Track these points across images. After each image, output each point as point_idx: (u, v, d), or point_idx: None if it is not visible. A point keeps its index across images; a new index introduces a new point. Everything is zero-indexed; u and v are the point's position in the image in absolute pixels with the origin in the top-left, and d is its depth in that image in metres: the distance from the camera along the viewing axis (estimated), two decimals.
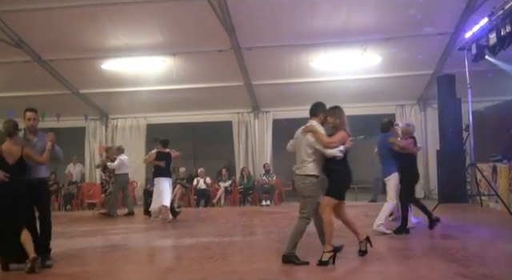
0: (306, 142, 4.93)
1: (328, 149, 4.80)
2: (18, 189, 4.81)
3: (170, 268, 5.05)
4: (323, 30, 9.67)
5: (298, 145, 5.08)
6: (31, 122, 5.17)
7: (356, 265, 4.91)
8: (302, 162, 4.94)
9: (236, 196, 12.59)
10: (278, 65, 11.06)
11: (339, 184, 4.96)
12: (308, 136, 4.92)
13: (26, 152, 4.90)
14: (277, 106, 13.24)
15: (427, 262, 4.90)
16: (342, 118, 5.04)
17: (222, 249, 6.08)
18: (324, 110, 5.09)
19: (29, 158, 4.91)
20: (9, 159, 4.82)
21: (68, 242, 6.93)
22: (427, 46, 10.19)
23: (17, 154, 4.85)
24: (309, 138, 4.91)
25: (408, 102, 12.81)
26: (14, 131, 4.95)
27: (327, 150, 4.80)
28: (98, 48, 10.49)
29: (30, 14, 9.30)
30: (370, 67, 10.96)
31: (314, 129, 4.92)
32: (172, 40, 10.27)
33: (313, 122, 5.03)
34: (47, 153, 5.02)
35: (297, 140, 5.13)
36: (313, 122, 5.02)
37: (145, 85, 11.93)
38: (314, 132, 4.89)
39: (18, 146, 4.90)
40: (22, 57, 10.66)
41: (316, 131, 4.89)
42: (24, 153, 4.88)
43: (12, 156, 4.83)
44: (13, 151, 4.85)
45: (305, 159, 4.90)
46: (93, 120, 14.00)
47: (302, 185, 4.93)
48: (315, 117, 5.07)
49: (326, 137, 4.87)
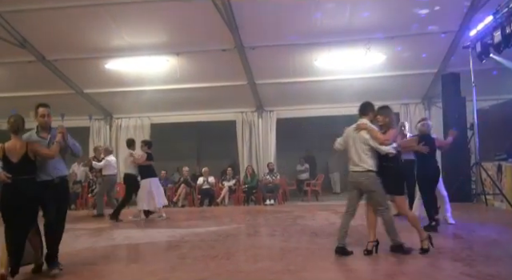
0: (360, 140, 5.14)
1: (383, 146, 5.02)
2: (23, 189, 4.50)
3: (175, 267, 5.05)
4: (327, 29, 9.64)
5: (349, 143, 5.26)
6: (45, 119, 4.85)
7: (360, 264, 4.90)
8: (359, 158, 5.15)
9: (240, 195, 12.59)
10: (282, 64, 11.03)
11: (396, 180, 5.20)
12: (362, 133, 5.13)
13: (32, 148, 4.59)
14: (281, 106, 13.22)
15: (432, 262, 4.88)
16: (390, 117, 5.29)
17: (226, 248, 6.08)
18: (373, 109, 5.30)
19: (36, 153, 4.60)
20: (13, 157, 4.51)
21: (73, 241, 6.96)
22: (432, 45, 10.14)
23: (21, 151, 4.53)
24: (363, 135, 5.12)
25: (412, 100, 12.76)
26: (23, 126, 4.69)
27: (382, 147, 5.03)
28: (102, 48, 10.50)
29: (34, 13, 9.31)
30: (374, 66, 10.92)
31: (369, 126, 5.12)
32: (176, 39, 10.27)
33: (363, 120, 5.22)
34: (56, 145, 4.69)
35: (348, 138, 5.31)
36: (363, 121, 5.21)
37: (149, 84, 11.95)
38: (369, 129, 5.09)
39: (22, 142, 4.59)
40: (26, 57, 10.68)
41: (371, 129, 5.10)
42: (29, 149, 4.56)
43: (16, 154, 4.52)
44: (17, 148, 4.54)
45: (362, 156, 5.12)
46: (97, 120, 14.02)
47: (366, 181, 5.12)
48: (365, 116, 5.27)
49: (381, 134, 5.07)
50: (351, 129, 5.30)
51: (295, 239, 6.55)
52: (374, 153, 5.12)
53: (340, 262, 4.97)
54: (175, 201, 12.67)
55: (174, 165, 14.76)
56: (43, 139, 4.82)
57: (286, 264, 4.91)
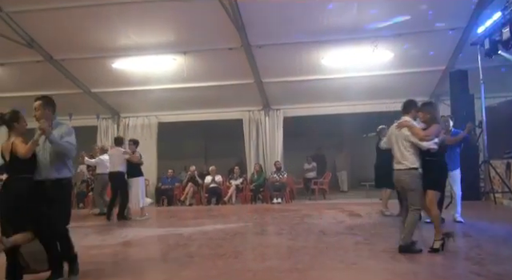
0: (402, 137, 5.24)
1: (424, 142, 5.09)
2: (14, 188, 4.17)
3: (183, 265, 5.05)
4: (334, 27, 9.61)
5: (393, 141, 5.39)
6: (35, 113, 4.43)
7: (368, 263, 4.88)
8: (401, 156, 5.23)
9: (247, 194, 12.60)
10: (289, 62, 11.01)
11: (439, 175, 5.30)
12: (403, 130, 5.23)
13: (14, 145, 4.20)
14: (288, 104, 13.20)
15: (441, 260, 4.85)
16: (432, 113, 5.35)
17: (233, 246, 6.09)
18: (416, 107, 5.43)
19: (15, 151, 4.19)
20: (6, 156, 4.26)
21: (81, 240, 7.00)
22: (439, 42, 10.07)
23: (8, 148, 4.23)
24: (404, 132, 5.22)
25: (420, 98, 12.48)
26: (11, 121, 4.30)
27: (423, 143, 5.10)
28: (109, 47, 10.55)
29: (41, 14, 9.36)
30: (382, 64, 10.88)
31: (409, 124, 5.22)
32: (182, 38, 10.29)
33: (405, 118, 5.33)
34: (30, 144, 4.17)
35: (391, 136, 5.46)
36: (406, 118, 5.32)
37: (156, 83, 11.99)
38: (410, 127, 5.19)
39: (13, 139, 4.26)
40: (34, 57, 10.76)
41: (411, 126, 5.20)
42: (13, 146, 4.20)
43: (7, 152, 4.24)
44: (9, 146, 4.23)
45: (404, 153, 5.21)
46: (104, 119, 14.09)
47: (407, 179, 5.17)
48: (407, 114, 5.38)
49: (421, 130, 5.15)
50: (393, 127, 5.45)
51: (303, 238, 6.55)
52: (416, 149, 5.17)
53: (348, 261, 4.95)
54: (183, 199, 12.70)
55: (181, 163, 14.80)
56: None
57: (293, 263, 4.91)
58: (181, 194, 12.89)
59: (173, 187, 13.01)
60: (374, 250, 5.46)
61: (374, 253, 5.29)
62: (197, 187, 12.91)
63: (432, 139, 5.11)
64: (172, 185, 13.04)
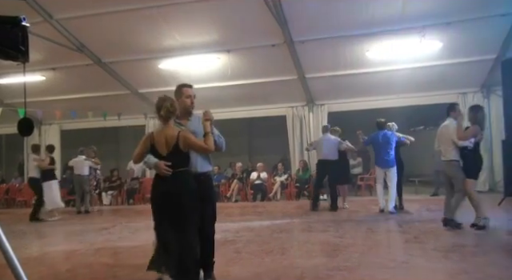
0: (446, 135, 6.42)
1: (461, 140, 6.17)
2: (180, 183, 3.71)
3: (231, 261, 5.11)
4: (379, 18, 9.36)
5: (440, 139, 6.64)
6: (190, 100, 4.10)
7: (419, 262, 4.75)
8: (445, 150, 6.44)
9: (292, 190, 12.57)
10: (332, 57, 10.86)
11: (474, 166, 6.24)
12: (448, 130, 6.42)
13: (185, 137, 3.73)
14: (332, 99, 13.04)
15: (494, 260, 4.65)
16: (475, 116, 6.24)
17: (280, 243, 6.10)
18: (454, 110, 6.57)
19: (190, 145, 3.75)
20: (162, 149, 3.76)
21: (132, 235, 7.24)
22: (490, 29, 9.56)
23: (172, 141, 3.73)
24: (449, 131, 6.38)
25: (470, 89, 12.17)
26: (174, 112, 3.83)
27: (459, 142, 6.21)
28: (155, 48, 10.80)
29: (90, 19, 9.72)
30: (430, 54, 10.47)
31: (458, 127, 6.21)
32: (226, 37, 10.38)
33: (449, 119, 6.52)
34: (209, 136, 3.80)
35: (440, 136, 6.66)
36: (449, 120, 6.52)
37: (200, 82, 12.08)
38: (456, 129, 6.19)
39: (173, 130, 3.78)
40: (84, 60, 11.21)
41: (457, 128, 6.18)
42: (181, 138, 3.71)
43: (166, 145, 3.74)
44: (168, 138, 3.75)
45: (447, 148, 6.40)
46: (152, 118, 14.45)
47: (449, 168, 6.41)
48: (448, 116, 6.57)
49: (461, 131, 6.13)
50: (442, 126, 6.64)
51: (350, 235, 6.47)
52: (456, 145, 6.29)
53: (398, 259, 4.84)
54: (229, 196, 12.86)
55: (227, 160, 14.97)
56: (181, 126, 3.98)
57: (342, 260, 4.85)
58: (227, 191, 13.05)
59: (219, 184, 13.19)
60: (424, 248, 5.31)
61: (424, 251, 5.15)
62: (242, 184, 13.02)
63: (469, 138, 6.14)
64: (218, 181, 13.23)
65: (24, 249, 6.23)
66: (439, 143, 6.76)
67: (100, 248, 6.29)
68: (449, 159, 6.36)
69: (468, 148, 6.21)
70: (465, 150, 6.25)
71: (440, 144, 6.68)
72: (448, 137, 6.36)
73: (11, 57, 2.20)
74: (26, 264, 2.56)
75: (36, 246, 6.67)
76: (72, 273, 4.96)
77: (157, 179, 3.84)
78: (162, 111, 3.80)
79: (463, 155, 6.28)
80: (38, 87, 11.90)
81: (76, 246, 6.50)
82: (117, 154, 17.99)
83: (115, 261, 5.51)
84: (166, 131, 3.80)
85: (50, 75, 12.02)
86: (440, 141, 6.65)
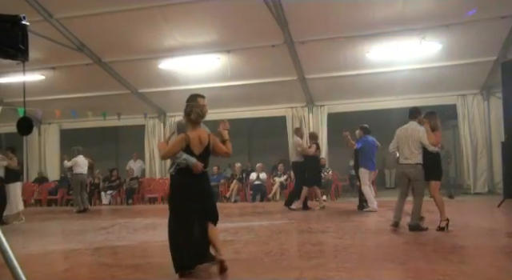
0: (413, 138, 6.40)
1: (434, 146, 6.30)
2: (207, 181, 4.45)
3: (230, 262, 5.08)
4: (379, 20, 9.39)
5: (403, 141, 6.52)
6: (206, 108, 4.49)
7: (419, 264, 4.74)
8: (411, 153, 6.42)
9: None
10: (332, 57, 10.88)
11: (438, 169, 6.43)
12: (416, 133, 6.39)
13: (215, 140, 4.39)
14: (332, 100, 13.07)
15: (494, 262, 4.64)
16: (435, 122, 6.44)
17: (279, 244, 6.09)
18: (420, 114, 6.60)
19: (217, 148, 4.40)
20: (196, 149, 4.25)
21: (131, 235, 7.23)
22: (490, 31, 9.62)
23: (204, 142, 4.31)
24: (419, 134, 6.36)
25: (470, 91, 12.19)
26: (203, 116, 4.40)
27: (430, 147, 6.29)
28: (155, 48, 10.81)
29: (90, 19, 9.74)
30: (430, 56, 10.51)
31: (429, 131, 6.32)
32: (226, 37, 10.39)
33: (413, 123, 6.54)
34: (229, 143, 4.48)
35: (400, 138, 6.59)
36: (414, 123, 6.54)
37: (201, 82, 12.15)
38: (428, 133, 6.29)
39: (205, 132, 4.39)
40: (84, 60, 11.22)
41: (430, 133, 6.29)
42: (212, 141, 4.36)
43: (201, 145, 4.29)
44: (202, 139, 4.31)
45: (414, 151, 6.40)
46: (151, 118, 14.47)
47: (414, 171, 6.42)
48: (414, 119, 6.57)
49: (433, 137, 6.27)
50: (401, 129, 6.62)
51: (350, 236, 6.45)
52: (421, 149, 6.36)
53: (398, 260, 4.83)
54: (228, 196, 12.85)
55: (226, 160, 14.93)
56: None
57: (341, 261, 4.84)
58: (226, 191, 13.05)
59: (218, 184, 13.18)
60: (424, 249, 5.31)
61: (424, 253, 5.14)
62: (241, 184, 13.01)
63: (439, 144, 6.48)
64: (217, 182, 13.21)
65: (23, 248, 6.21)
66: (401, 146, 6.55)
67: (99, 248, 6.27)
68: (415, 162, 6.39)
69: (433, 152, 6.37)
70: (429, 154, 6.35)
71: (403, 147, 6.50)
72: (417, 140, 6.37)
73: (11, 55, 2.20)
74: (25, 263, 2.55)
75: (35, 246, 6.65)
76: (71, 272, 4.94)
77: (186, 177, 4.24)
78: (193, 115, 4.30)
79: (427, 158, 6.38)
80: (37, 86, 11.91)
81: (75, 246, 6.47)
82: (116, 154, 17.99)
83: (114, 260, 5.50)
84: (199, 133, 4.29)
85: (49, 74, 12.02)
86: (404, 143, 6.49)
